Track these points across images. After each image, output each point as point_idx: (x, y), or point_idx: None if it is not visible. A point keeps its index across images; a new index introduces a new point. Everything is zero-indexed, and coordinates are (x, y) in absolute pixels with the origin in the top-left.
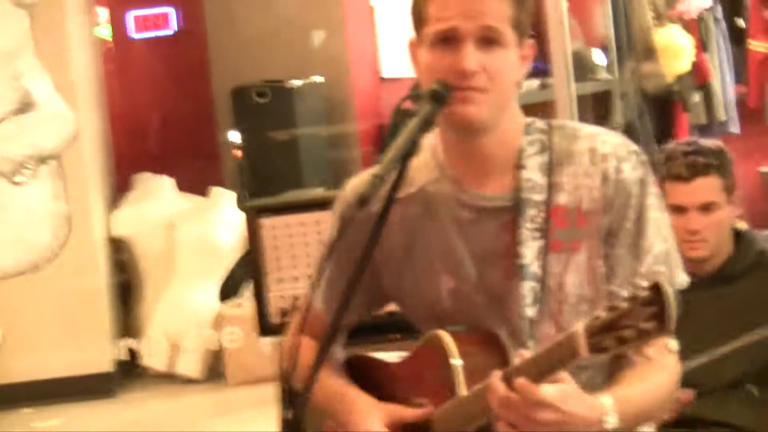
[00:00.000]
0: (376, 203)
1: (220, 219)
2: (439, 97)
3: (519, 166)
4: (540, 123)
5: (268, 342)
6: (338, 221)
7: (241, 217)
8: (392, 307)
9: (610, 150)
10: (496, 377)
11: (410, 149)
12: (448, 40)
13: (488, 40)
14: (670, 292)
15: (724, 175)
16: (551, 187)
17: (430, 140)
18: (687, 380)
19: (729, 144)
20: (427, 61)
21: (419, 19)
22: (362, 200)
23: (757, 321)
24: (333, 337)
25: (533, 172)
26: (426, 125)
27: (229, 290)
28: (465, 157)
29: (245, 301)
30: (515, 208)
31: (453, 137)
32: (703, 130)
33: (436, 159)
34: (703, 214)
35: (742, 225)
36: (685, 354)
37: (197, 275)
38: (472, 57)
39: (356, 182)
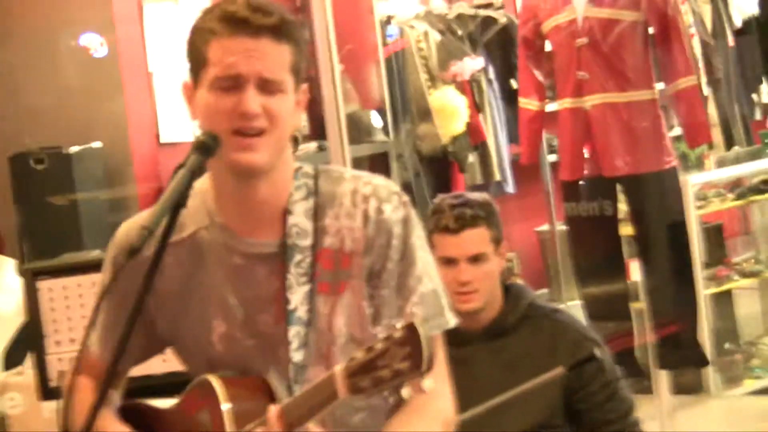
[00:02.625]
0: (147, 248)
1: (1, 286)
2: (206, 148)
3: (287, 212)
4: (307, 168)
5: (49, 406)
6: (111, 266)
7: (21, 283)
8: (173, 367)
9: (371, 191)
10: (272, 414)
11: (179, 199)
12: (230, 84)
13: (269, 85)
14: (423, 331)
15: (491, 227)
16: (317, 232)
17: (201, 185)
18: None
19: (505, 204)
20: (206, 103)
21: (198, 61)
22: (132, 251)
23: (530, 372)
24: (109, 381)
25: (300, 218)
26: (194, 176)
27: (12, 358)
28: (237, 203)
29: (28, 369)
30: (283, 254)
31: (227, 183)
32: (480, 190)
33: (206, 205)
34: (473, 265)
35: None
36: (463, 406)
37: None
38: (253, 100)
39: (127, 229)
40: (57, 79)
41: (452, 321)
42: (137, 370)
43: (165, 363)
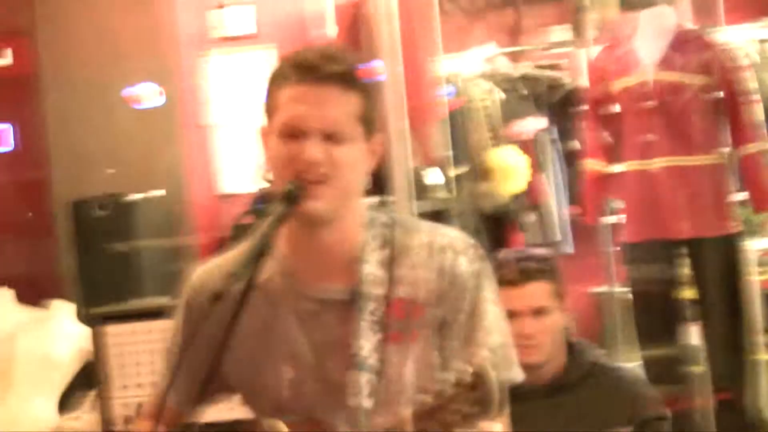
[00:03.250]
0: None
1: (60, 331)
2: (292, 197)
3: (360, 261)
4: (383, 218)
5: None
6: (184, 310)
7: (81, 329)
8: (239, 414)
9: (447, 243)
10: None
11: (264, 249)
12: (295, 131)
13: (335, 135)
14: (492, 375)
15: (554, 281)
16: (391, 281)
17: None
18: None
19: (563, 264)
20: (274, 150)
21: (271, 107)
22: (216, 298)
23: (591, 429)
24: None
25: (374, 266)
26: (279, 225)
27: (69, 403)
28: (307, 249)
29: (84, 414)
30: (355, 301)
31: (295, 229)
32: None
33: (279, 251)
34: (535, 318)
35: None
36: None
37: (35, 389)
38: (315, 149)
39: (205, 274)
40: (117, 127)
41: (519, 376)
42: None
43: (231, 410)
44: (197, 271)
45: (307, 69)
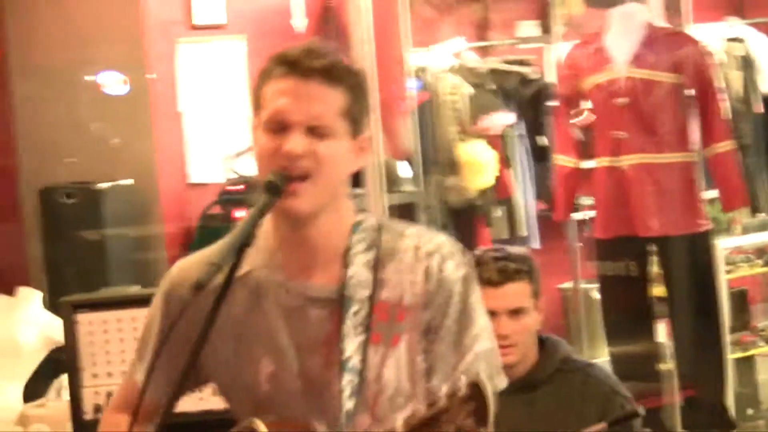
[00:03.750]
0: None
1: (26, 318)
2: (275, 189)
3: (346, 262)
4: (370, 221)
5: None
6: (162, 302)
7: (47, 316)
8: (208, 405)
9: (434, 247)
10: None
11: (247, 240)
12: (279, 126)
13: (318, 129)
14: (489, 388)
15: (532, 281)
16: (376, 283)
17: (263, 225)
18: None
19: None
20: (260, 143)
21: (256, 102)
22: (198, 287)
23: (562, 425)
24: (165, 421)
25: (359, 268)
26: (262, 216)
27: (33, 390)
28: (292, 245)
29: (50, 402)
30: (340, 302)
31: (281, 225)
32: (505, 244)
33: (267, 244)
34: (512, 319)
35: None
36: None
37: (1, 375)
38: (298, 142)
39: (185, 266)
40: (87, 115)
41: (504, 382)
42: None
43: (201, 401)
44: (178, 263)
45: (292, 64)
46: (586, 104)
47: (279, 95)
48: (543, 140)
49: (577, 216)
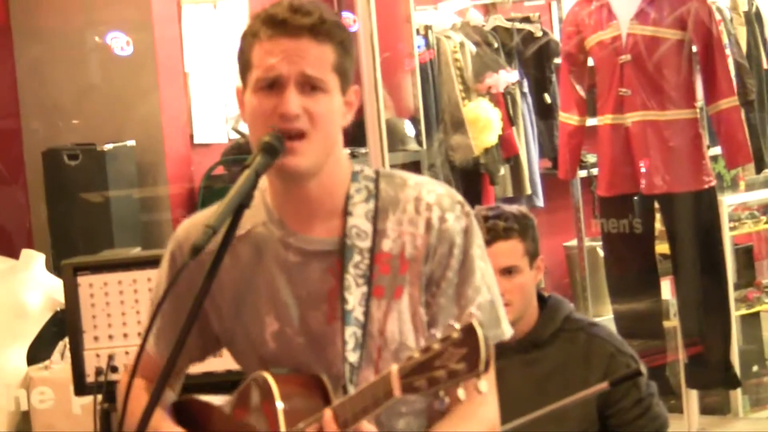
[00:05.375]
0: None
1: (30, 280)
2: (272, 150)
3: (345, 213)
4: (368, 171)
5: (79, 402)
6: (168, 263)
7: (51, 278)
8: (231, 364)
9: (435, 199)
10: (328, 416)
11: (244, 201)
12: (272, 85)
13: (310, 85)
14: (481, 331)
15: (525, 240)
16: (376, 234)
17: (260, 183)
18: None
19: (534, 218)
20: (251, 105)
21: (244, 65)
22: (195, 250)
23: (565, 386)
24: (165, 381)
25: (359, 219)
26: (259, 176)
27: (37, 353)
28: (291, 201)
29: (54, 364)
30: (340, 254)
31: (279, 182)
32: (510, 203)
33: (265, 202)
34: (504, 277)
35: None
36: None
37: (5, 338)
38: (293, 100)
39: (189, 227)
40: (90, 75)
41: (508, 332)
42: (196, 368)
43: (223, 360)
44: (183, 223)
45: (279, 23)
46: (589, 61)
47: (270, 55)
48: (546, 98)
49: (581, 173)
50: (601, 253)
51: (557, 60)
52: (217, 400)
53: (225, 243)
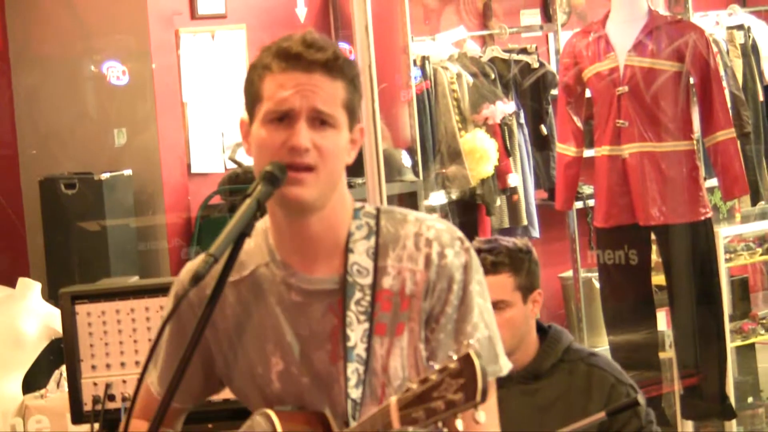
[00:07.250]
0: (210, 285)
1: (27, 309)
2: (273, 179)
3: (347, 250)
4: (369, 207)
5: (76, 431)
6: (173, 302)
7: (47, 307)
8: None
9: (434, 235)
10: None
11: (244, 230)
12: (282, 118)
13: (320, 120)
14: (478, 362)
15: (517, 274)
16: (377, 271)
17: (262, 224)
18: None
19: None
20: (259, 137)
21: (254, 96)
22: (196, 278)
23: (565, 416)
24: (161, 418)
25: (360, 256)
26: (259, 206)
27: (34, 381)
28: (294, 238)
29: (50, 393)
30: (342, 291)
31: (282, 218)
32: (506, 234)
33: (267, 242)
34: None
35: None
36: None
37: (2, 365)
38: (304, 134)
39: (192, 265)
40: (88, 105)
41: (506, 368)
42: None
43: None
44: (186, 266)
45: (293, 57)
46: (587, 93)
47: (282, 88)
48: (543, 129)
49: (577, 205)
50: (596, 284)
51: (554, 91)
52: None
53: (224, 274)
